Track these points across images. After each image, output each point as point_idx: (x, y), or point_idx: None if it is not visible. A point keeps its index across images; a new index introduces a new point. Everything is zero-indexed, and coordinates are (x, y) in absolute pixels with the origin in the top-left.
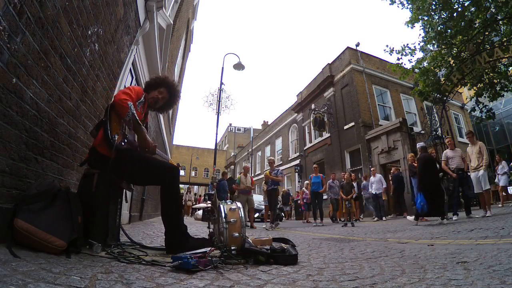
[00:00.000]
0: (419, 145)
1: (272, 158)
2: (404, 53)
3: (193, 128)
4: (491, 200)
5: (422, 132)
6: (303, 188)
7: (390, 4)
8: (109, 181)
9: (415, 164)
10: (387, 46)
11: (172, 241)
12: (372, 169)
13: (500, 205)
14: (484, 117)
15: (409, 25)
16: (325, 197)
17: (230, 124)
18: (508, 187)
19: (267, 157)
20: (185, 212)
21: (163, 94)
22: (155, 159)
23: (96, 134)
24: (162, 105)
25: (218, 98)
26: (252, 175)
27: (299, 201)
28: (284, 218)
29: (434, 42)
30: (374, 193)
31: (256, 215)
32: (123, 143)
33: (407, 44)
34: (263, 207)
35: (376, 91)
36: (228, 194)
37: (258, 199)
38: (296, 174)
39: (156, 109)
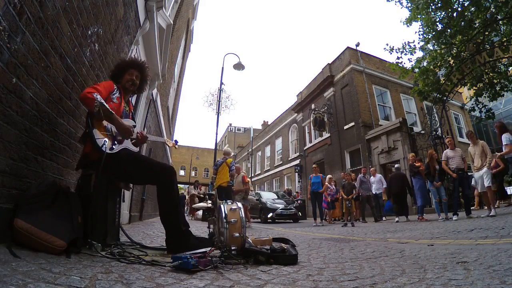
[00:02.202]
0: (396, 166)
1: (226, 149)
2: (404, 52)
3: (193, 128)
4: (495, 198)
5: (422, 132)
6: (326, 183)
7: (387, 0)
8: (107, 181)
9: (416, 164)
10: (387, 44)
11: (171, 241)
12: (372, 169)
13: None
14: (483, 117)
15: (407, 23)
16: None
17: (230, 124)
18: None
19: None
20: (190, 212)
21: (135, 73)
22: (151, 160)
23: (84, 143)
24: (139, 85)
25: (218, 98)
26: (252, 175)
27: (299, 201)
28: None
29: (433, 41)
30: (374, 193)
31: (270, 215)
32: (114, 147)
33: (407, 41)
34: (278, 205)
35: (376, 91)
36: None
37: (271, 196)
38: (296, 174)
39: (136, 91)
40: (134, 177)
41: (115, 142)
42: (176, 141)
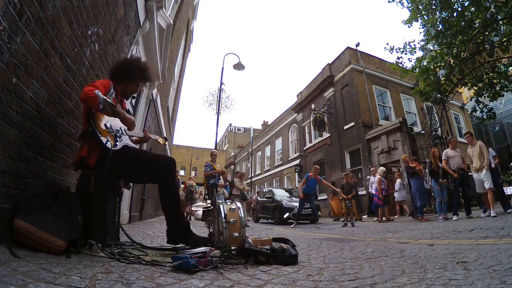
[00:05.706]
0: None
1: (214, 151)
2: (405, 52)
3: (193, 128)
4: (494, 199)
5: (422, 132)
6: (378, 175)
7: (388, 2)
8: (106, 181)
9: (411, 165)
10: (387, 44)
11: (172, 232)
12: (372, 169)
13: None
14: (484, 117)
15: (408, 24)
16: (325, 197)
17: (230, 124)
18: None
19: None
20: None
21: (140, 86)
22: (150, 155)
23: (85, 142)
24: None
25: (218, 98)
26: (252, 175)
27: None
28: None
29: (434, 41)
30: (374, 193)
31: (286, 215)
32: (117, 143)
33: (408, 42)
34: (296, 204)
35: (376, 91)
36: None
37: (283, 193)
38: (296, 174)
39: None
40: (135, 175)
41: (117, 139)
42: (165, 138)
